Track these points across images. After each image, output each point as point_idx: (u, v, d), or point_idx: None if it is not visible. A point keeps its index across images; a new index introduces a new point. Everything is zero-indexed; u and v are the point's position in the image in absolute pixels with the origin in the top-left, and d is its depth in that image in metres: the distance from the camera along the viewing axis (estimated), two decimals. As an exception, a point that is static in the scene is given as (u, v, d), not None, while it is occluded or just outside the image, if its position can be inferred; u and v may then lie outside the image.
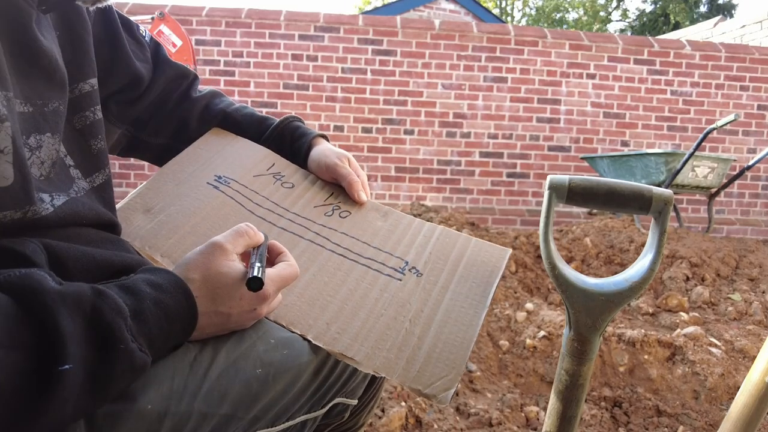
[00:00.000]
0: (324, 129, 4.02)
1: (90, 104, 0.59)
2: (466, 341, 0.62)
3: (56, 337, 0.36)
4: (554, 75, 4.11)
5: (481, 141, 4.11)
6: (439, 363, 0.59)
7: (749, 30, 5.19)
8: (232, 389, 0.52)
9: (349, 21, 4.00)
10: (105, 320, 0.40)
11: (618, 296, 0.59)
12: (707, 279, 2.39)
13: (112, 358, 0.40)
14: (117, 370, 0.40)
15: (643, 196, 0.59)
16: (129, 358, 0.41)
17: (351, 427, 0.77)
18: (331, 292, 0.65)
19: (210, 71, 3.94)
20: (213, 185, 0.74)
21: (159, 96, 0.79)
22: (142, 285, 0.46)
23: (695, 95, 4.20)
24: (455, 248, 0.74)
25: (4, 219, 0.44)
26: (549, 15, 20.36)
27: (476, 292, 0.68)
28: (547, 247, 0.61)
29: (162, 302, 0.46)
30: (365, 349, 0.59)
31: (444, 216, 3.03)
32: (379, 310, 0.64)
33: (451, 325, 0.63)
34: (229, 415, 0.52)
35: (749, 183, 4.31)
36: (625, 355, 1.68)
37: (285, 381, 0.56)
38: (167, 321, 0.46)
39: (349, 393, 0.67)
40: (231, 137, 0.84)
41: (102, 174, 0.60)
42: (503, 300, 2.06)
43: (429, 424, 1.32)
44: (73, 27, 0.58)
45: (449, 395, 0.56)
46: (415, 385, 0.57)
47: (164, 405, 0.47)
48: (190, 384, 0.49)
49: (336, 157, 0.78)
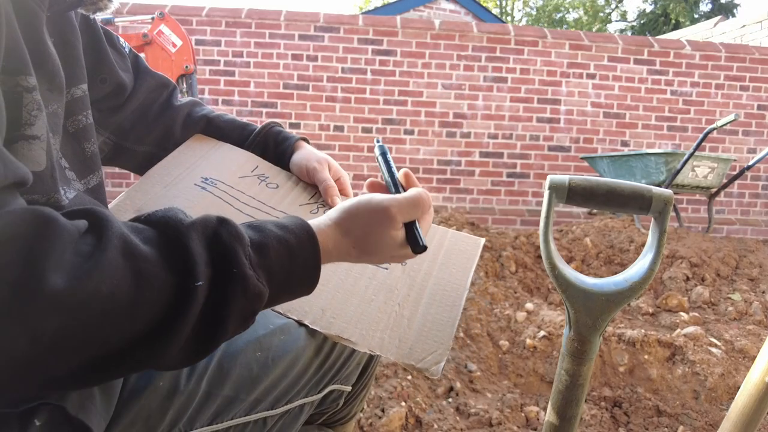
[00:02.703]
0: (324, 129, 4.02)
1: (82, 108, 0.61)
2: (452, 319, 0.68)
3: (189, 259, 0.40)
4: (554, 75, 4.11)
5: (481, 141, 4.11)
6: (429, 340, 0.64)
7: (749, 30, 5.19)
8: (233, 371, 0.56)
9: (349, 21, 4.00)
10: (223, 243, 0.43)
11: (618, 296, 0.59)
12: (707, 279, 2.39)
13: (228, 282, 0.42)
14: (230, 291, 0.42)
15: (643, 196, 0.59)
16: (242, 283, 0.43)
17: (344, 416, 0.81)
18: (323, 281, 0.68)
19: (210, 71, 3.94)
20: (201, 186, 0.77)
21: (141, 104, 0.81)
22: (269, 224, 0.48)
23: (695, 95, 4.20)
24: (434, 239, 0.80)
25: (31, 202, 0.46)
26: (549, 15, 20.36)
27: (457, 277, 0.74)
28: (547, 247, 0.61)
29: (286, 241, 0.47)
30: (360, 331, 0.63)
31: (444, 216, 3.03)
32: (369, 296, 0.68)
33: (436, 306, 0.69)
34: (231, 397, 0.56)
35: (749, 183, 4.31)
36: (625, 355, 1.68)
37: (284, 364, 0.60)
38: (289, 258, 0.47)
39: (343, 379, 0.71)
40: (214, 142, 0.86)
41: (95, 176, 0.62)
42: (503, 300, 2.06)
43: (429, 424, 1.32)
44: (64, 33, 0.59)
45: (440, 368, 0.61)
46: (408, 360, 0.62)
47: (174, 383, 0.51)
48: (197, 365, 0.53)
49: (316, 161, 0.81)
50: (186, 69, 2.63)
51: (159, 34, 2.60)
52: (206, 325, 0.41)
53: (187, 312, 0.39)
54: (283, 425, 0.64)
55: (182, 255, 0.41)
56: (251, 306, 0.44)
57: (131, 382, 0.50)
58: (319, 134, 4.02)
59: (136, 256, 0.38)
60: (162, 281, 0.38)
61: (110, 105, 0.75)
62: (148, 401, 0.50)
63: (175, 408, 0.52)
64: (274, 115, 3.99)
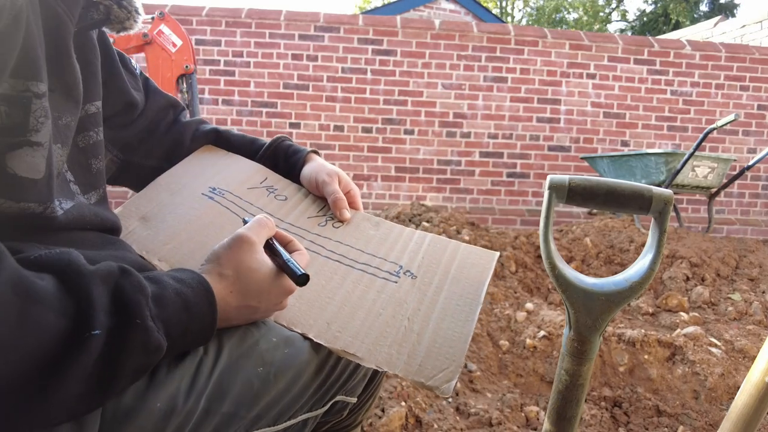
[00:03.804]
0: (324, 129, 4.02)
1: (94, 125, 0.61)
2: (464, 335, 0.64)
3: (89, 306, 0.39)
4: (554, 75, 4.11)
5: (481, 141, 4.11)
6: (440, 357, 0.61)
7: (749, 30, 5.19)
8: (233, 387, 0.53)
9: (349, 21, 4.00)
10: (126, 295, 0.43)
11: (618, 296, 0.59)
12: (707, 279, 2.39)
13: (127, 332, 0.41)
14: (129, 343, 0.41)
15: (643, 196, 0.59)
16: (143, 335, 0.42)
17: (349, 424, 0.79)
18: (329, 293, 0.67)
19: (210, 71, 3.94)
20: (208, 196, 0.76)
21: (150, 122, 0.82)
22: (165, 277, 0.49)
23: (695, 95, 4.20)
24: (446, 253, 0.77)
25: (27, 210, 0.46)
26: (549, 15, 20.35)
27: (469, 291, 0.71)
28: (547, 247, 0.61)
29: (183, 293, 0.48)
30: (366, 346, 0.61)
31: (444, 216, 3.03)
32: (377, 310, 0.65)
33: (448, 321, 0.66)
34: (231, 414, 0.53)
35: (749, 183, 4.31)
36: (625, 355, 1.68)
37: (286, 379, 0.57)
38: (186, 312, 0.47)
39: (349, 391, 0.68)
40: (223, 153, 0.86)
41: (98, 193, 0.62)
42: (503, 300, 2.06)
43: (429, 424, 1.32)
44: (84, 50, 0.59)
45: (451, 386, 0.58)
46: (418, 378, 0.58)
47: (172, 404, 0.49)
48: (196, 384, 0.51)
49: (326, 174, 0.80)
50: (186, 69, 2.63)
51: (159, 34, 2.60)
52: (99, 379, 0.40)
53: (78, 361, 0.38)
54: None
55: (81, 301, 0.39)
56: (148, 360, 0.44)
57: (125, 402, 0.47)
58: (319, 134, 4.02)
59: (29, 295, 0.36)
60: (53, 326, 0.37)
61: (120, 122, 0.76)
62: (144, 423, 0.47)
63: (172, 428, 0.49)
64: (274, 115, 3.99)
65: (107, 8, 0.58)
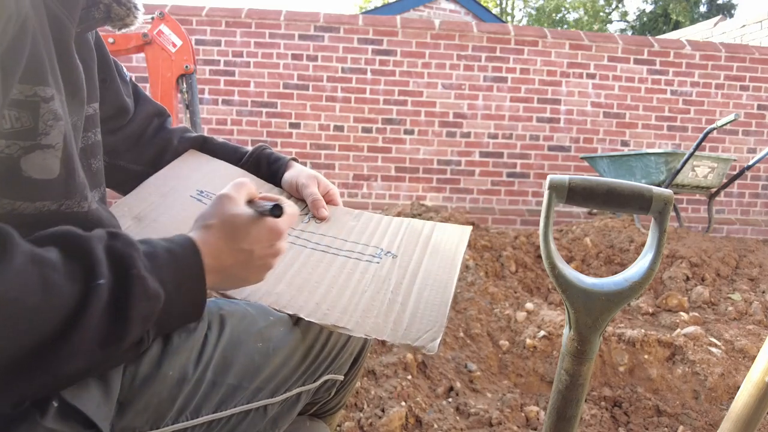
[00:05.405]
0: (324, 129, 4.02)
1: (92, 126, 0.64)
2: (444, 300, 0.69)
3: (91, 262, 0.43)
4: (554, 75, 4.11)
5: (481, 141, 4.11)
6: (424, 320, 0.66)
7: (749, 30, 5.19)
8: (237, 360, 0.59)
9: (349, 21, 4.00)
10: (119, 250, 0.46)
11: (618, 296, 0.59)
12: (707, 279, 2.39)
13: (127, 281, 0.44)
14: (131, 290, 0.44)
15: (643, 196, 0.59)
16: (142, 284, 0.45)
17: (333, 406, 0.86)
18: (317, 279, 0.72)
19: (210, 71, 3.94)
20: (196, 198, 0.80)
21: (138, 128, 0.85)
22: (155, 239, 0.52)
23: (695, 95, 4.20)
24: (423, 232, 0.83)
25: (42, 209, 0.49)
26: (549, 15, 20.35)
27: (447, 262, 0.76)
28: (547, 247, 0.61)
29: (172, 250, 0.51)
30: (355, 319, 0.65)
31: (444, 216, 3.03)
32: (362, 288, 0.71)
33: (429, 289, 0.71)
34: (235, 386, 0.59)
35: (749, 183, 4.31)
36: (625, 355, 1.68)
37: (283, 354, 0.64)
38: (176, 264, 0.50)
39: (337, 369, 0.75)
40: (207, 158, 0.91)
41: (98, 192, 0.64)
42: (503, 300, 2.06)
43: (429, 423, 1.32)
44: (81, 52, 0.61)
45: (436, 344, 0.62)
46: (405, 341, 0.63)
47: (183, 372, 0.55)
48: (203, 355, 0.57)
49: (305, 178, 0.86)
50: (186, 69, 2.62)
51: (159, 34, 2.60)
52: (110, 325, 0.43)
53: (90, 309, 0.41)
54: (282, 412, 0.67)
55: (84, 260, 0.43)
56: (151, 307, 0.46)
57: (143, 370, 0.52)
58: (319, 134, 4.02)
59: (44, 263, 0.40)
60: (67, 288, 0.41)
61: (112, 127, 0.79)
62: (159, 389, 0.53)
63: (184, 396, 0.54)
64: (274, 115, 3.99)
65: (107, 6, 0.60)
